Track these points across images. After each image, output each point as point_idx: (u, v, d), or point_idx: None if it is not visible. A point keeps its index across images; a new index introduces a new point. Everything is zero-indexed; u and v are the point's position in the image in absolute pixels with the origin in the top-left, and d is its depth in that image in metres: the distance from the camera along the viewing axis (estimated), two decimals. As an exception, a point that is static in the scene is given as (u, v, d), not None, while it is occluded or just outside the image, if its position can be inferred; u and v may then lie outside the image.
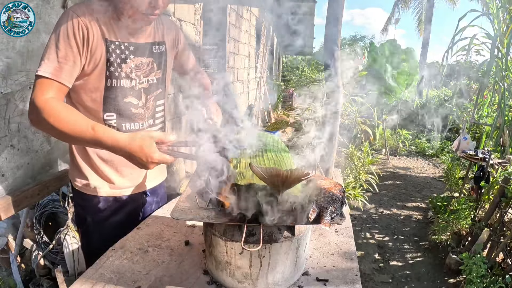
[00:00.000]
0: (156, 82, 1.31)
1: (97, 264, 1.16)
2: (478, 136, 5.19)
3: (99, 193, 1.34)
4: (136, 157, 0.94)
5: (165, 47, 1.33)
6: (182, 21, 3.51)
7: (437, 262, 3.20)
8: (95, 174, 1.31)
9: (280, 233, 0.99)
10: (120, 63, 1.17)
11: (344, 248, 1.30)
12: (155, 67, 1.29)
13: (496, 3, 3.99)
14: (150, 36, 1.26)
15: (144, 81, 1.26)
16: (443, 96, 11.15)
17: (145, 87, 1.27)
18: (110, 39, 1.14)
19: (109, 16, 1.13)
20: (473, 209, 3.27)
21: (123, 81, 1.20)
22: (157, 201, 1.59)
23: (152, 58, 1.27)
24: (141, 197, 1.47)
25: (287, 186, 0.92)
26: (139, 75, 1.23)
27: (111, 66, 1.15)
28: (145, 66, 1.25)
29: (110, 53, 1.14)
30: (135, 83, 1.23)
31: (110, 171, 1.32)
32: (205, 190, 1.02)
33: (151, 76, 1.28)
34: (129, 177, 1.38)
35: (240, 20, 6.07)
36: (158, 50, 1.29)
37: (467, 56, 4.44)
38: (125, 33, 1.17)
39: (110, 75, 1.16)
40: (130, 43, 1.19)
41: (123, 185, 1.37)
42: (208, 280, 1.09)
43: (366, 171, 4.43)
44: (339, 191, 0.96)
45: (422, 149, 7.30)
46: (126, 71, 1.19)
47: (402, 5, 16.61)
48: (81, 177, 1.32)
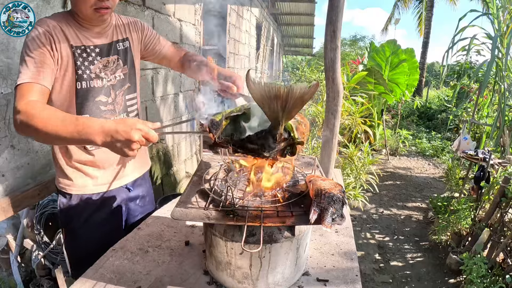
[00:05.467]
0: (123, 77, 1.36)
1: (97, 264, 1.16)
2: (478, 136, 5.18)
3: (83, 191, 1.37)
4: (119, 131, 0.89)
5: (129, 42, 1.38)
6: (182, 21, 3.51)
7: (438, 262, 3.20)
8: (78, 173, 1.34)
9: (280, 233, 0.99)
10: (88, 65, 1.23)
11: (345, 248, 1.30)
12: (121, 63, 1.34)
13: (496, 3, 3.99)
14: (113, 35, 1.32)
15: (112, 78, 1.32)
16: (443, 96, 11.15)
17: (113, 83, 1.33)
18: (76, 45, 1.19)
19: (71, 24, 1.20)
20: (474, 209, 3.27)
21: (94, 82, 1.26)
22: (142, 196, 1.60)
23: (117, 56, 1.33)
24: (124, 191, 1.49)
25: (288, 113, 0.84)
26: (107, 73, 1.30)
27: (79, 70, 1.21)
28: (111, 64, 1.31)
29: (76, 57, 1.20)
30: (105, 81, 1.29)
31: (91, 168, 1.36)
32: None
33: (118, 73, 1.34)
34: (111, 170, 1.41)
35: (240, 21, 6.07)
36: (122, 47, 1.35)
37: (467, 56, 4.43)
38: (88, 37, 1.24)
39: (79, 78, 1.21)
40: (95, 46, 1.25)
41: (106, 180, 1.40)
42: (208, 281, 1.09)
43: (366, 171, 4.42)
44: (339, 192, 0.96)
45: (422, 149, 7.30)
46: (96, 72, 1.26)
47: (402, 5, 16.61)
48: (64, 178, 1.35)
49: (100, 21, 1.24)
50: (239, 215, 0.96)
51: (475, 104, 4.61)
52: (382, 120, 6.55)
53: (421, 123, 10.04)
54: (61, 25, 1.17)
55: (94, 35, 1.26)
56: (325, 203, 0.92)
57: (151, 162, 3.18)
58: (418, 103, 10.52)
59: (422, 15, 14.97)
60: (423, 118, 10.44)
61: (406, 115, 10.33)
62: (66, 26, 1.18)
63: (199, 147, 4.47)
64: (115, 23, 1.35)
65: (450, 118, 6.90)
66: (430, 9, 14.13)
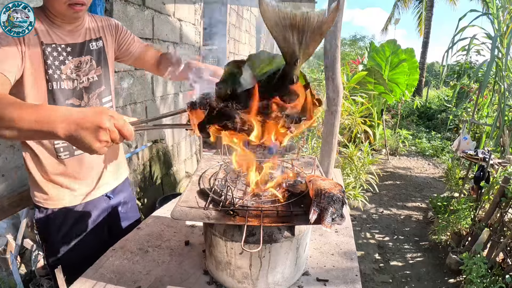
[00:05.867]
0: (97, 79, 1.29)
1: (97, 264, 1.16)
2: (478, 136, 5.18)
3: (60, 205, 1.30)
4: (87, 117, 0.76)
5: (103, 42, 1.32)
6: (182, 21, 3.51)
7: (437, 262, 3.20)
8: (53, 186, 1.28)
9: (280, 233, 0.99)
10: (58, 65, 1.16)
11: (344, 248, 1.30)
12: (94, 64, 1.28)
13: (496, 3, 3.98)
14: (86, 34, 1.25)
15: (85, 79, 1.25)
16: (443, 96, 11.16)
17: (86, 86, 1.26)
18: (46, 42, 1.12)
19: (42, 20, 1.13)
20: (473, 209, 3.27)
21: (64, 83, 1.18)
22: (124, 202, 1.55)
23: (90, 56, 1.26)
24: (105, 200, 1.44)
25: (305, 48, 0.70)
26: (79, 75, 1.22)
27: (49, 69, 1.14)
28: (84, 65, 1.24)
29: (47, 55, 1.12)
30: (77, 83, 1.22)
31: (66, 179, 1.29)
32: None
33: (91, 74, 1.27)
34: (89, 180, 1.35)
35: (240, 20, 6.06)
36: (95, 46, 1.28)
37: (467, 56, 4.43)
38: (60, 35, 1.17)
39: (49, 78, 1.14)
40: (66, 44, 1.18)
41: (84, 191, 1.34)
42: (208, 280, 1.09)
43: (366, 171, 4.42)
44: (339, 192, 0.96)
45: (422, 149, 7.30)
46: (66, 72, 1.19)
47: (402, 5, 16.61)
48: (39, 191, 1.28)
49: (73, 18, 1.18)
50: (239, 215, 0.96)
51: (475, 104, 4.61)
52: (382, 120, 6.55)
53: (421, 123, 10.04)
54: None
55: (66, 33, 1.19)
56: (325, 203, 0.92)
57: (151, 162, 3.19)
58: (418, 103, 10.51)
59: (422, 15, 14.97)
60: (423, 118, 10.43)
61: (406, 115, 10.32)
62: (37, 22, 1.10)
63: (199, 147, 4.47)
64: (88, 22, 1.28)
65: (450, 118, 6.90)
66: (430, 9, 14.13)
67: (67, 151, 1.26)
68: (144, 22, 2.74)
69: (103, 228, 1.46)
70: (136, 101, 2.80)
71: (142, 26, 2.71)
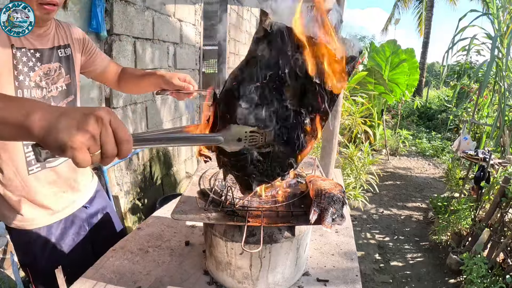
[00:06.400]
0: (66, 88, 1.22)
1: (98, 265, 1.16)
2: (478, 136, 5.18)
3: (40, 224, 1.21)
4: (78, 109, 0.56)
5: (71, 50, 1.25)
6: (182, 21, 3.51)
7: (438, 262, 3.20)
8: (29, 205, 1.18)
9: (280, 234, 0.99)
10: (28, 71, 1.08)
11: (345, 248, 1.30)
12: (63, 72, 1.21)
13: (496, 3, 3.99)
14: (54, 40, 1.19)
15: (53, 88, 1.17)
16: (443, 96, 11.16)
17: (54, 95, 1.17)
18: (17, 46, 1.05)
19: None
20: (474, 209, 3.27)
21: (33, 91, 1.10)
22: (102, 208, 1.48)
23: (59, 63, 1.19)
24: (83, 210, 1.37)
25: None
26: (48, 83, 1.15)
27: (20, 75, 1.06)
28: (52, 72, 1.16)
29: (17, 60, 1.05)
30: (46, 92, 1.14)
31: (41, 196, 1.19)
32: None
33: (60, 83, 1.19)
34: (65, 194, 1.26)
35: (240, 21, 6.07)
36: (64, 53, 1.22)
37: (467, 56, 4.43)
38: (29, 39, 1.09)
39: (19, 85, 1.06)
40: (36, 50, 1.11)
41: (61, 206, 1.26)
42: (208, 281, 1.09)
43: (367, 171, 4.42)
44: (339, 192, 0.96)
45: (422, 149, 7.30)
46: (36, 80, 1.11)
47: (402, 5, 16.62)
48: (14, 213, 1.17)
49: (44, 20, 1.09)
50: (239, 215, 0.96)
51: (475, 104, 4.61)
52: (382, 120, 6.55)
53: (421, 123, 10.05)
54: None
55: (35, 37, 1.10)
56: (325, 203, 0.92)
57: (151, 163, 3.19)
58: (418, 103, 10.52)
59: (422, 15, 14.98)
60: (423, 118, 10.44)
61: (406, 115, 10.33)
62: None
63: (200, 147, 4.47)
64: (55, 28, 1.20)
65: (450, 118, 6.90)
66: (430, 9, 14.13)
67: (38, 164, 1.16)
68: (144, 22, 2.74)
69: (87, 240, 1.38)
70: (136, 101, 2.80)
71: (142, 26, 2.71)
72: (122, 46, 2.47)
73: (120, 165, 2.68)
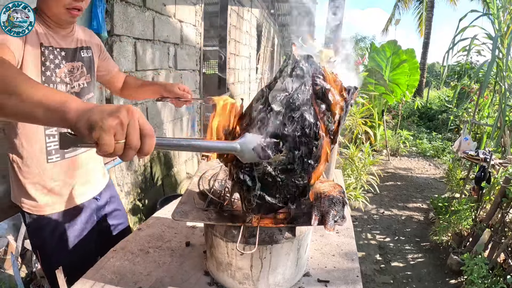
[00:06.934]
0: (87, 86, 1.32)
1: (98, 265, 1.16)
2: (479, 137, 5.18)
3: (52, 211, 1.29)
4: (111, 106, 0.60)
5: (92, 51, 1.36)
6: (183, 22, 3.52)
7: (438, 263, 3.20)
8: (44, 192, 1.26)
9: (281, 234, 0.99)
10: (54, 68, 1.18)
11: (345, 249, 1.30)
12: (85, 71, 1.31)
13: (497, 4, 3.98)
14: (77, 41, 1.29)
15: (76, 85, 1.27)
16: (444, 96, 11.15)
17: (77, 91, 1.28)
18: (45, 44, 1.14)
19: (40, 23, 1.15)
20: (474, 209, 3.26)
21: (59, 86, 1.20)
22: (111, 196, 1.57)
23: (81, 62, 1.29)
24: (93, 201, 1.45)
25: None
26: (71, 79, 1.25)
27: (47, 71, 1.15)
28: (75, 71, 1.27)
29: (45, 57, 1.14)
30: (69, 87, 1.24)
31: (57, 184, 1.27)
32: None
33: (82, 80, 1.29)
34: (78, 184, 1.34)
35: (240, 21, 6.07)
36: (86, 54, 1.32)
37: (467, 56, 4.42)
38: (56, 39, 1.19)
39: (46, 79, 1.15)
40: (61, 49, 1.21)
41: (74, 195, 1.34)
42: (209, 281, 1.09)
43: (367, 172, 4.42)
44: (339, 193, 0.96)
45: (423, 149, 7.29)
46: (61, 76, 1.20)
47: (403, 5, 16.63)
48: (28, 198, 1.25)
49: (69, 23, 1.21)
50: (238, 216, 0.96)
51: (475, 105, 4.60)
52: (383, 121, 6.55)
53: (422, 124, 10.04)
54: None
55: (60, 38, 1.21)
56: (326, 206, 0.92)
57: (152, 163, 3.19)
58: (418, 104, 10.52)
59: (422, 15, 14.98)
60: (424, 118, 10.43)
61: (406, 116, 10.33)
62: (36, 25, 1.10)
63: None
64: (78, 31, 1.32)
65: (450, 118, 6.90)
66: (430, 10, 14.13)
67: (58, 154, 1.25)
68: (145, 23, 2.74)
69: (95, 229, 1.46)
70: (137, 102, 2.80)
71: (143, 27, 2.72)
72: (122, 46, 2.48)
73: (120, 166, 2.68)
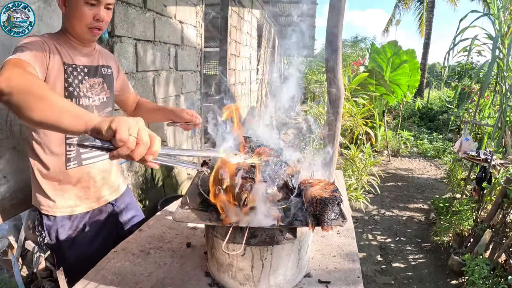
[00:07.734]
0: (106, 100, 1.42)
1: (99, 266, 1.16)
2: (480, 137, 5.17)
3: (69, 213, 1.37)
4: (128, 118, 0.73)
5: (111, 70, 1.47)
6: (184, 23, 3.52)
7: (440, 263, 3.19)
8: (62, 195, 1.34)
9: (282, 235, 0.99)
10: (78, 83, 1.28)
11: (346, 249, 1.30)
12: (105, 86, 1.41)
13: (497, 4, 3.98)
14: (99, 59, 1.40)
15: (96, 99, 1.37)
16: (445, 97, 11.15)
17: (97, 104, 1.37)
18: (68, 63, 1.25)
19: (61, 43, 1.25)
20: (475, 210, 3.26)
21: (82, 100, 1.30)
22: (129, 203, 1.63)
23: (102, 79, 1.39)
24: (109, 206, 1.52)
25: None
26: (93, 94, 1.35)
27: (70, 87, 1.25)
28: (96, 86, 1.37)
29: (68, 74, 1.24)
30: (90, 101, 1.34)
31: (75, 189, 1.36)
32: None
33: (102, 95, 1.40)
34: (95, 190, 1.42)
35: (241, 22, 6.07)
36: (106, 72, 1.43)
37: (468, 57, 4.42)
38: (78, 57, 1.30)
39: (70, 94, 1.25)
40: (84, 66, 1.31)
41: (90, 200, 1.41)
42: (209, 282, 1.09)
43: (368, 172, 4.42)
44: (331, 192, 0.96)
45: (423, 150, 7.29)
46: (83, 91, 1.31)
47: (403, 6, 16.62)
48: (46, 198, 1.34)
49: (91, 41, 1.32)
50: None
51: (476, 105, 4.60)
52: (384, 121, 6.54)
53: (423, 124, 10.03)
54: (54, 42, 1.22)
55: (83, 55, 1.32)
56: (319, 208, 0.91)
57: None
58: (419, 104, 10.50)
59: (423, 16, 14.97)
60: (425, 119, 10.42)
61: (407, 116, 10.31)
62: (58, 44, 1.23)
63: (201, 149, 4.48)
64: (97, 51, 1.42)
65: (451, 119, 6.89)
66: (431, 10, 14.13)
67: (75, 161, 1.34)
68: (145, 24, 2.75)
69: (112, 232, 1.52)
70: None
71: (143, 28, 2.72)
72: (123, 47, 2.48)
73: (121, 167, 2.68)
